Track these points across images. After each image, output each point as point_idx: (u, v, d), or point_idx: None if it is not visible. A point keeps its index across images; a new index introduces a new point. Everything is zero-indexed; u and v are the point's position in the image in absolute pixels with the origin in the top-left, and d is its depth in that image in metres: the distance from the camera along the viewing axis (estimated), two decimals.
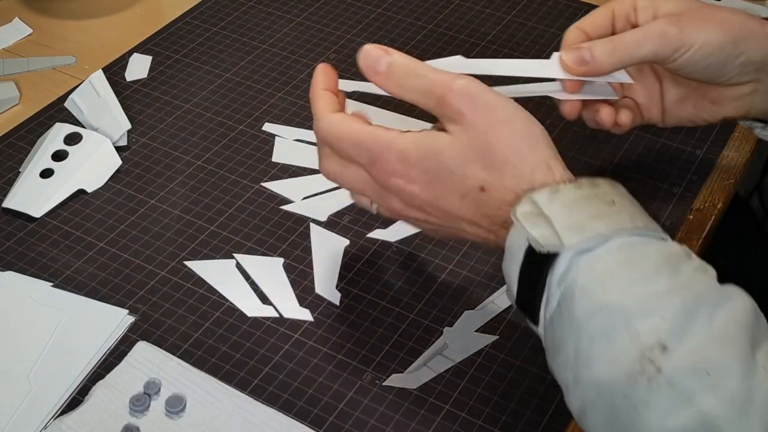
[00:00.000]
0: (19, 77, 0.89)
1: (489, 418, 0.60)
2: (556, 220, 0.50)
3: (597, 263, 0.49)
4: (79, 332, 0.65)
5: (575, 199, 0.51)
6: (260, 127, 0.83)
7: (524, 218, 0.51)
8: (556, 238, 0.50)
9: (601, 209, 0.51)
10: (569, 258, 0.50)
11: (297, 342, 0.65)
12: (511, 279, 0.53)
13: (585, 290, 0.49)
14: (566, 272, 0.50)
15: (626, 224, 0.51)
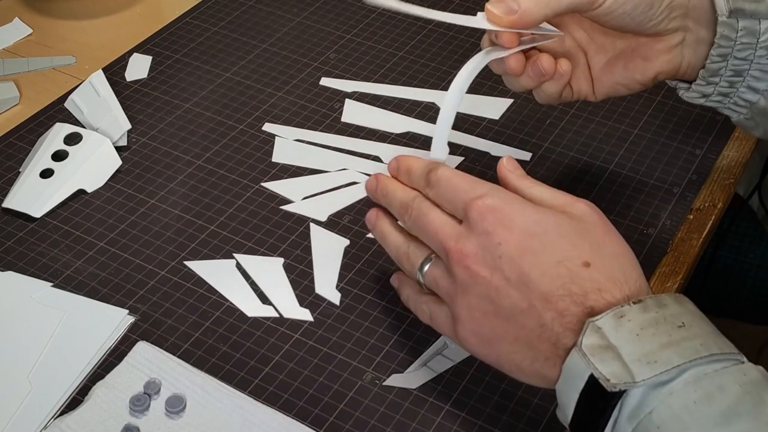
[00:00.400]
0: (19, 77, 0.89)
1: (489, 418, 0.60)
2: (625, 350, 0.47)
3: (672, 399, 0.46)
4: (79, 332, 0.65)
5: (642, 325, 0.48)
6: (260, 127, 0.83)
7: (591, 352, 0.48)
8: (627, 374, 0.47)
9: (672, 335, 0.48)
10: (641, 392, 0.47)
11: (297, 342, 0.65)
12: (566, 402, 0.50)
13: (661, 428, 0.46)
14: (638, 407, 0.47)
15: (700, 351, 0.47)
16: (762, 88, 0.64)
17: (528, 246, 0.52)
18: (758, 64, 0.63)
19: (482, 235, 0.53)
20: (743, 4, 0.61)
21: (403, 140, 0.81)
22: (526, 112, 0.83)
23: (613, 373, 0.47)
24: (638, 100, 0.84)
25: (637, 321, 0.48)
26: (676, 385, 0.46)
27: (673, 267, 0.69)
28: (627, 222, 0.73)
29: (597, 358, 0.48)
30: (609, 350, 0.48)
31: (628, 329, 0.48)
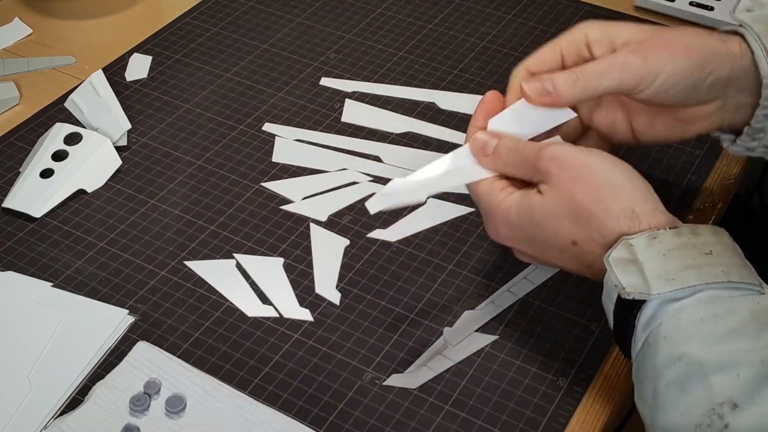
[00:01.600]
0: (19, 77, 0.89)
1: (489, 418, 0.60)
2: (648, 267, 0.52)
3: (682, 314, 0.50)
4: (79, 332, 0.65)
5: (672, 248, 0.52)
6: (260, 127, 0.83)
7: (615, 264, 0.53)
8: (645, 286, 0.51)
9: (696, 259, 0.51)
10: (656, 305, 0.51)
11: (297, 342, 0.65)
12: (607, 312, 0.55)
13: (667, 338, 0.50)
14: (652, 318, 0.51)
15: (719, 277, 0.51)
16: None
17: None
18: None
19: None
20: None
21: (403, 140, 0.81)
22: None
23: (631, 283, 0.52)
24: None
25: (668, 244, 0.52)
26: (688, 303, 0.50)
27: None
28: None
29: (619, 269, 0.52)
30: (633, 264, 0.52)
31: (656, 249, 0.52)
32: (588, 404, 0.61)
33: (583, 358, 0.63)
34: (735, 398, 0.47)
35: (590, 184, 0.56)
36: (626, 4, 0.96)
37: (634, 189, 0.56)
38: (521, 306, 0.66)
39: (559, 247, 0.57)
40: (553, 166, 0.57)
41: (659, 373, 0.50)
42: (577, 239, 0.56)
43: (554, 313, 0.66)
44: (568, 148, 0.58)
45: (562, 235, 0.57)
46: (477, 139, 0.61)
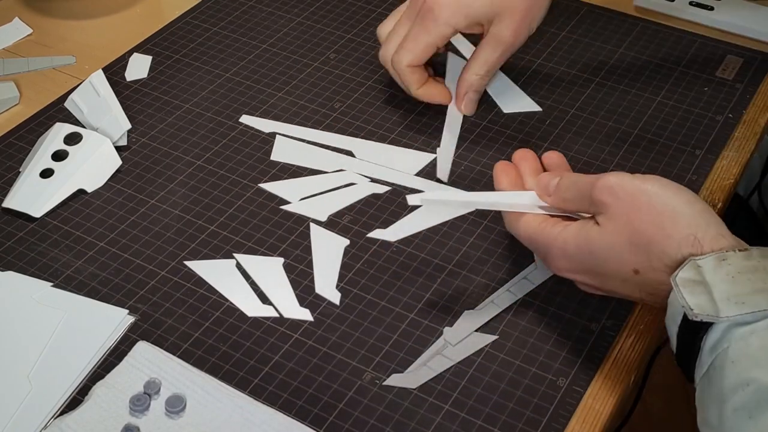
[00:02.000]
0: (19, 77, 0.89)
1: (489, 418, 0.60)
2: (717, 289, 0.51)
3: (752, 338, 0.49)
4: (79, 332, 0.65)
5: (741, 270, 0.51)
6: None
7: (683, 284, 0.52)
8: (713, 309, 0.50)
9: (766, 283, 0.50)
10: (724, 328, 0.50)
11: (297, 342, 0.65)
12: (671, 334, 0.55)
13: (735, 362, 0.49)
14: (719, 341, 0.50)
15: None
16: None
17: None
18: None
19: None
20: None
21: (403, 140, 0.81)
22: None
23: (699, 305, 0.51)
24: (638, 100, 0.84)
25: (737, 266, 0.51)
26: (758, 327, 0.49)
27: None
28: None
29: (687, 290, 0.52)
30: (701, 285, 0.51)
31: (726, 271, 0.51)
32: (588, 404, 0.61)
33: (583, 358, 0.63)
34: None
35: (649, 212, 0.55)
36: (626, 4, 0.96)
37: (695, 214, 0.55)
38: (521, 306, 0.66)
39: (622, 277, 0.57)
40: (608, 196, 0.57)
41: (726, 398, 0.49)
42: (639, 268, 0.56)
43: (554, 313, 0.66)
44: (623, 177, 0.57)
45: (623, 264, 0.57)
46: (542, 178, 0.63)
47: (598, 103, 0.84)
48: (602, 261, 0.58)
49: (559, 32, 0.93)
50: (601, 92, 0.85)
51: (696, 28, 0.93)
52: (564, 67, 0.88)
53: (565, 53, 0.90)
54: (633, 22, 0.94)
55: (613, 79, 0.87)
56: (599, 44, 0.91)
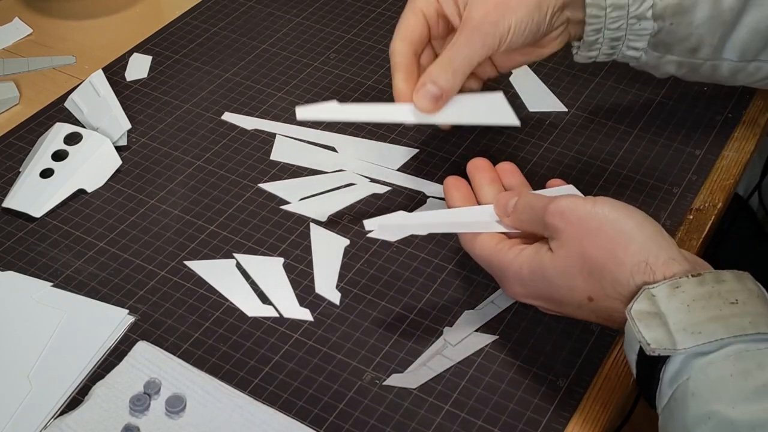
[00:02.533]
0: (19, 77, 0.89)
1: (489, 418, 0.60)
2: (672, 319, 0.50)
3: (710, 369, 0.48)
4: (79, 332, 0.65)
5: (696, 297, 0.50)
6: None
7: (638, 317, 0.51)
8: (670, 340, 0.50)
9: (722, 310, 0.50)
10: (682, 359, 0.50)
11: (297, 342, 0.65)
12: (630, 361, 0.54)
13: (696, 395, 0.48)
14: (678, 373, 0.50)
15: (747, 329, 0.49)
16: (640, 47, 0.71)
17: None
18: (632, 30, 0.70)
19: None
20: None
21: (402, 140, 0.81)
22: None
23: (656, 339, 0.50)
24: (638, 100, 0.84)
25: (691, 293, 0.50)
26: (716, 357, 0.48)
27: None
28: None
29: (643, 324, 0.51)
30: (656, 317, 0.50)
31: (680, 300, 0.50)
32: (588, 404, 0.61)
33: (583, 358, 0.63)
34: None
35: (600, 237, 0.55)
36: None
37: (646, 239, 0.54)
38: (521, 306, 0.66)
39: (576, 304, 0.57)
40: (560, 221, 0.56)
41: (689, 431, 0.48)
42: (592, 295, 0.56)
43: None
44: (575, 202, 0.57)
45: (577, 291, 0.56)
46: (500, 198, 0.63)
47: (598, 102, 0.84)
48: (556, 288, 0.57)
49: None
50: (601, 92, 0.85)
51: None
52: (564, 67, 0.88)
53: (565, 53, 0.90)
54: None
55: (612, 78, 0.87)
56: None
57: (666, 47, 0.71)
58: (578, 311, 0.58)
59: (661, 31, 0.69)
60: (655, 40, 0.70)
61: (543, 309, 0.62)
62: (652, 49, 0.71)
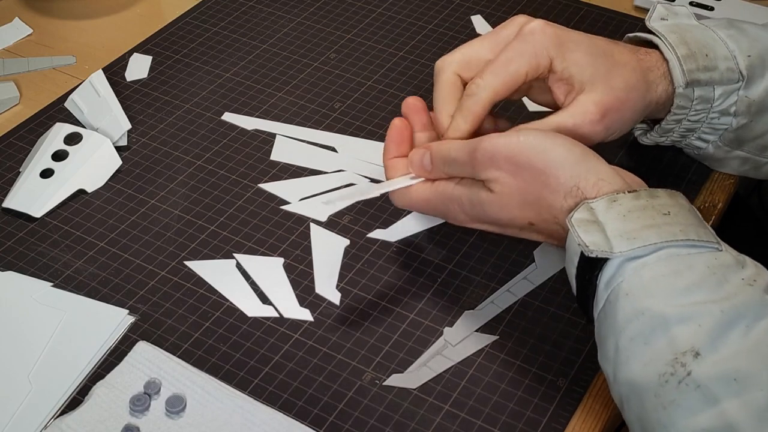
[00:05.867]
0: (19, 77, 0.89)
1: (489, 418, 0.60)
2: (609, 227, 0.53)
3: (643, 270, 0.52)
4: (79, 332, 0.65)
5: (631, 209, 0.54)
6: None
7: (578, 224, 0.55)
8: (607, 245, 0.53)
9: (655, 219, 0.53)
10: (617, 264, 0.53)
11: (297, 342, 0.65)
12: (570, 277, 0.57)
13: (629, 294, 0.52)
14: (613, 276, 0.53)
15: (678, 235, 0.53)
16: (711, 140, 0.71)
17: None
18: (709, 124, 0.70)
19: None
20: (699, 75, 0.67)
21: None
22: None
23: (594, 242, 0.53)
24: None
25: (627, 205, 0.54)
26: (649, 260, 0.52)
27: None
28: None
29: (582, 229, 0.54)
30: (595, 224, 0.54)
31: (617, 211, 0.54)
32: (588, 404, 0.61)
33: (583, 358, 0.63)
34: (697, 347, 0.49)
35: (530, 170, 0.58)
36: (626, 4, 0.96)
37: (575, 163, 0.57)
38: (521, 306, 0.66)
39: (518, 228, 0.61)
40: (491, 169, 0.59)
41: (622, 328, 0.52)
42: (532, 221, 0.59)
43: (554, 314, 0.66)
44: (498, 141, 0.59)
45: (517, 220, 0.60)
46: (412, 157, 0.64)
47: None
48: (497, 218, 0.60)
49: None
50: None
51: None
52: None
53: None
54: (633, 22, 0.94)
55: None
56: None
57: (739, 142, 0.71)
58: (521, 233, 0.61)
59: (741, 127, 0.70)
60: (731, 135, 0.70)
61: (488, 231, 0.63)
62: (723, 143, 0.71)
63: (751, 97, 0.68)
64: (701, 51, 0.67)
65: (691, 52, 0.67)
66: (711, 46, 0.68)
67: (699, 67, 0.67)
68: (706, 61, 0.67)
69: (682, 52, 0.67)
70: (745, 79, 0.68)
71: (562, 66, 0.64)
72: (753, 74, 0.68)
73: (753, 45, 0.68)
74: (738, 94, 0.68)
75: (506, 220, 0.60)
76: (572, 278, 0.57)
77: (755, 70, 0.68)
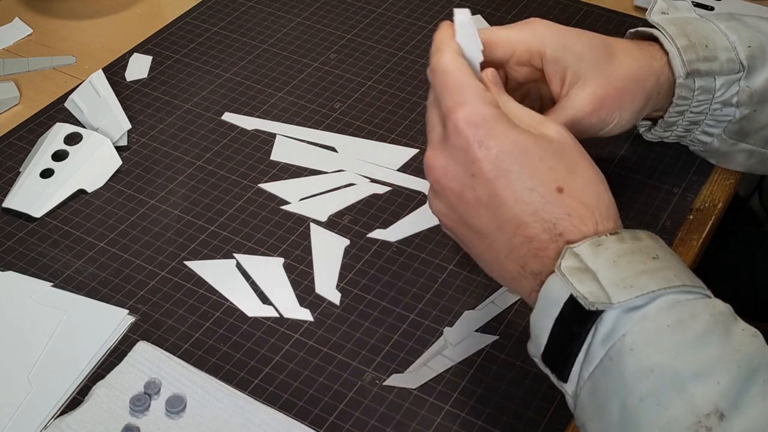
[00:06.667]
0: (19, 77, 0.89)
1: (489, 418, 0.60)
2: (602, 275, 0.49)
3: (646, 322, 0.47)
4: (79, 332, 0.65)
5: (619, 254, 0.49)
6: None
7: (569, 273, 0.49)
8: (604, 295, 0.48)
9: (647, 264, 0.49)
10: (615, 316, 0.48)
11: (297, 342, 0.65)
12: (539, 330, 0.51)
13: (634, 350, 0.47)
14: (612, 330, 0.48)
15: (673, 281, 0.49)
16: (715, 132, 0.71)
17: (504, 167, 0.52)
18: (713, 116, 0.70)
19: (458, 150, 0.53)
20: (699, 65, 0.67)
21: (403, 140, 0.81)
22: None
23: (591, 292, 0.48)
24: None
25: (614, 250, 0.50)
26: (650, 310, 0.48)
27: None
28: (627, 222, 0.72)
29: (576, 279, 0.49)
30: (587, 272, 0.49)
31: (605, 256, 0.49)
32: None
33: None
34: (720, 407, 0.45)
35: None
36: (626, 4, 0.96)
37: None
38: (521, 306, 0.66)
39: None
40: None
41: (629, 388, 0.47)
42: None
43: None
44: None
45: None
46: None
47: None
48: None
49: None
50: None
51: None
52: None
53: None
54: (633, 22, 0.94)
55: None
56: None
57: (743, 134, 0.71)
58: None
59: (744, 118, 0.69)
60: (735, 126, 0.70)
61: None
62: (727, 136, 0.71)
63: (753, 87, 0.68)
64: (701, 42, 0.67)
65: (690, 43, 0.67)
66: (711, 38, 0.68)
67: (699, 57, 0.67)
68: (705, 52, 0.67)
69: (681, 43, 0.67)
70: (746, 69, 0.68)
71: (558, 56, 0.63)
72: (754, 64, 0.68)
73: (753, 36, 0.68)
74: (739, 84, 0.68)
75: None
76: (543, 332, 0.51)
77: (756, 61, 0.68)
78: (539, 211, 0.52)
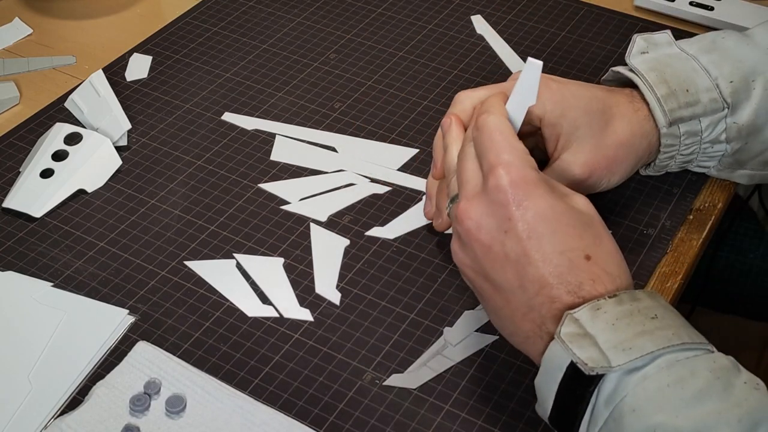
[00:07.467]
0: (19, 77, 0.89)
1: (489, 418, 0.60)
2: (601, 339, 0.50)
3: (646, 383, 0.48)
4: (79, 332, 0.65)
5: (618, 316, 0.50)
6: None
7: (569, 339, 0.50)
8: (604, 359, 0.49)
9: (645, 325, 0.50)
10: (617, 378, 0.49)
11: (297, 342, 0.65)
12: (545, 395, 0.53)
13: (636, 411, 0.48)
14: (614, 392, 0.49)
15: (672, 339, 0.49)
16: (711, 165, 0.72)
17: (538, 230, 0.53)
18: (704, 153, 0.71)
19: (496, 206, 0.55)
20: (681, 112, 0.67)
21: (403, 140, 0.81)
22: None
23: (591, 358, 0.49)
24: None
25: (613, 313, 0.51)
26: (650, 370, 0.49)
27: (673, 267, 0.70)
28: (627, 222, 0.73)
29: (575, 345, 0.50)
30: (586, 338, 0.50)
31: (603, 320, 0.50)
32: None
33: None
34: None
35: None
36: (626, 4, 0.96)
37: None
38: None
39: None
40: None
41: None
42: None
43: None
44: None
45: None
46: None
47: None
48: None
49: (559, 32, 0.93)
50: None
51: (696, 28, 0.93)
52: (564, 67, 0.88)
53: (564, 53, 0.90)
54: (633, 22, 0.94)
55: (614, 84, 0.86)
56: (599, 44, 0.91)
57: (739, 163, 0.72)
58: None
59: (737, 152, 0.70)
60: (729, 159, 0.71)
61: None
62: (723, 166, 0.72)
63: (740, 122, 0.68)
64: (681, 87, 0.67)
65: (671, 90, 0.67)
66: (692, 79, 0.68)
67: (680, 104, 0.67)
68: (687, 97, 0.67)
69: (662, 92, 0.67)
70: (730, 106, 0.68)
71: (555, 122, 0.65)
72: (737, 100, 0.68)
73: (736, 68, 0.68)
74: (726, 121, 0.68)
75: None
76: (549, 394, 0.52)
77: (740, 95, 0.68)
78: (565, 273, 0.53)
